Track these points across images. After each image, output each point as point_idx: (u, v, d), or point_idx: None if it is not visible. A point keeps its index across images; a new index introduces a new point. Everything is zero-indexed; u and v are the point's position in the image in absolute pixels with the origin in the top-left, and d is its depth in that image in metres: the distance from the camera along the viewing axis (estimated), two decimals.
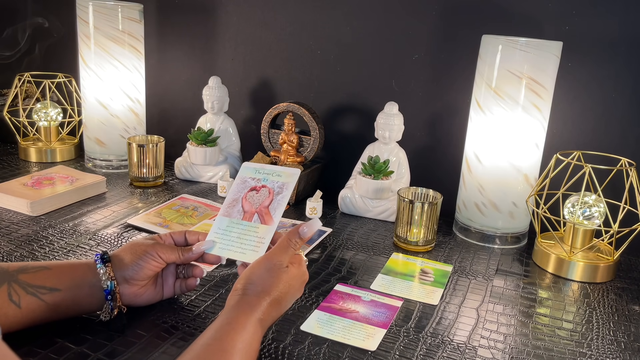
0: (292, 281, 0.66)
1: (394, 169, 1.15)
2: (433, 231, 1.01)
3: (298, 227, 0.69)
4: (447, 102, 1.21)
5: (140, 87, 1.36)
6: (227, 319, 0.60)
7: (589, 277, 0.94)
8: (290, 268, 0.66)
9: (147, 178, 1.24)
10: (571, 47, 1.06)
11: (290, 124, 1.22)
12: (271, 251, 0.68)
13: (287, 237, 0.69)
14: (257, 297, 0.63)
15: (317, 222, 0.71)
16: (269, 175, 0.80)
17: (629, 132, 1.09)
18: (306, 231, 0.69)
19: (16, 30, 1.49)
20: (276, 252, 0.67)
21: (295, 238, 0.68)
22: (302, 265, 0.69)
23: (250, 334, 0.59)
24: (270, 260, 0.66)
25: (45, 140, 1.40)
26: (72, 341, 0.66)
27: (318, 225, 0.70)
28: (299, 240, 0.69)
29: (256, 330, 0.60)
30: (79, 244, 0.93)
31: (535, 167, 1.05)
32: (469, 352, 0.71)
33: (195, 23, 1.41)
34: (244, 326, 0.59)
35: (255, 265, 0.66)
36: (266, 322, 0.63)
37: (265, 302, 0.63)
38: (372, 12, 1.23)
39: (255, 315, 0.61)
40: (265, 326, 0.63)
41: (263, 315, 0.62)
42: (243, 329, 0.59)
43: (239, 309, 0.61)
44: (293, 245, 0.68)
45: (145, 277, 0.70)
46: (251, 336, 0.59)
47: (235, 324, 0.59)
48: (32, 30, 1.50)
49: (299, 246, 0.69)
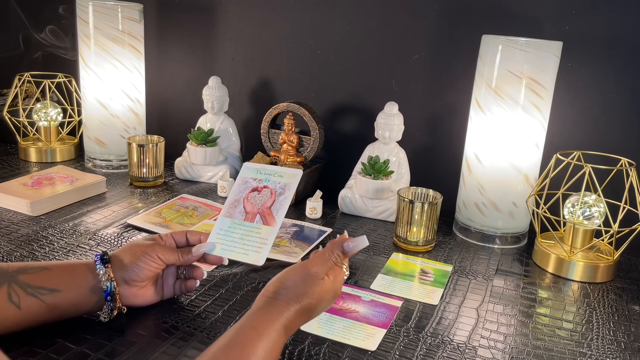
0: (325, 294, 0.63)
1: (394, 169, 1.15)
2: (433, 231, 1.01)
3: (343, 240, 0.66)
4: (447, 102, 1.21)
5: (140, 87, 1.36)
6: (252, 322, 0.58)
7: (589, 277, 0.94)
8: (325, 280, 0.64)
9: (147, 178, 1.24)
10: (571, 47, 1.06)
11: (290, 124, 1.22)
12: (310, 260, 0.65)
13: (330, 249, 0.65)
14: (287, 303, 0.61)
15: (364, 240, 0.65)
16: (271, 176, 0.80)
17: (629, 132, 1.09)
18: (351, 247, 0.65)
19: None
20: (316, 262, 0.65)
21: (337, 251, 0.65)
22: (337, 280, 0.65)
23: (273, 340, 0.58)
24: (308, 269, 0.64)
25: (45, 140, 1.40)
26: (72, 341, 0.66)
27: (365, 244, 0.65)
28: (341, 254, 0.65)
29: (280, 337, 0.59)
30: (79, 244, 0.93)
31: (535, 167, 1.05)
32: (469, 352, 0.71)
33: (195, 23, 1.41)
34: (268, 333, 0.57)
35: (291, 271, 0.64)
36: (290, 330, 0.61)
37: (293, 309, 0.61)
38: (372, 12, 1.23)
39: (281, 321, 0.59)
40: (289, 334, 0.61)
41: (289, 323, 0.60)
42: (267, 336, 0.57)
43: (267, 312, 0.60)
44: (334, 259, 0.65)
45: (144, 278, 0.70)
46: (274, 343, 0.58)
47: (260, 328, 0.57)
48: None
49: (340, 260, 0.65)
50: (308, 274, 0.63)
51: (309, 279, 0.63)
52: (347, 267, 0.67)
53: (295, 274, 0.63)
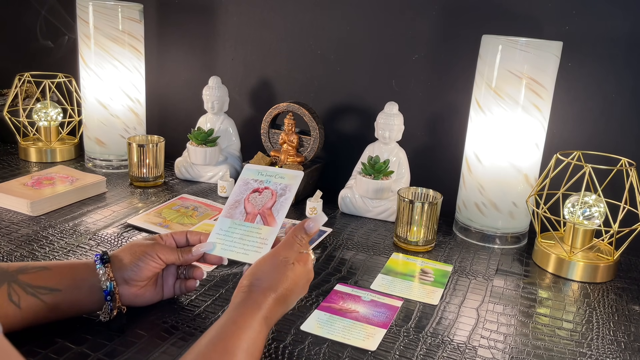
0: (298, 279, 0.65)
1: (394, 169, 1.15)
2: (433, 231, 1.01)
3: (303, 222, 0.68)
4: (447, 102, 1.21)
5: (140, 87, 1.36)
6: (232, 317, 0.59)
7: (589, 277, 0.94)
8: (296, 265, 0.66)
9: (147, 178, 1.24)
10: (571, 47, 1.06)
11: (290, 124, 1.22)
12: (277, 247, 0.67)
13: (293, 233, 0.68)
14: (263, 294, 0.62)
15: (323, 216, 0.69)
16: (272, 177, 0.80)
17: (629, 132, 1.09)
18: (312, 226, 0.68)
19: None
20: (282, 248, 0.67)
21: (300, 234, 0.68)
22: (308, 263, 0.68)
23: (255, 332, 0.59)
24: (276, 256, 0.66)
25: (45, 140, 1.40)
26: (72, 341, 0.66)
27: (323, 220, 0.69)
28: (305, 235, 0.68)
29: (261, 329, 0.60)
30: (79, 244, 0.93)
31: (535, 167, 1.05)
32: (469, 352, 0.71)
33: (195, 23, 1.41)
34: (249, 325, 0.59)
35: (261, 262, 0.66)
36: (271, 320, 0.62)
37: (270, 298, 0.62)
38: (372, 12, 1.23)
39: (260, 313, 0.60)
40: (270, 324, 0.62)
41: (268, 312, 0.61)
42: (249, 328, 0.58)
43: (245, 306, 0.61)
44: (299, 241, 0.67)
45: (144, 278, 0.70)
46: (256, 335, 0.59)
47: (240, 322, 0.59)
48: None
49: (305, 242, 0.68)
50: (278, 261, 0.65)
51: (280, 266, 0.65)
52: (312, 252, 0.70)
53: (265, 264, 0.65)
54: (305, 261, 0.67)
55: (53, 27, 1.53)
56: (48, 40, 1.52)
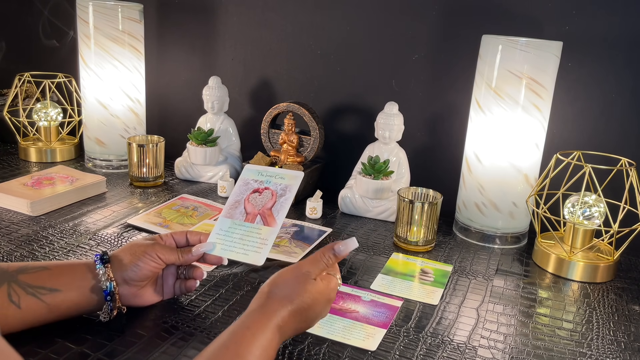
0: (318, 295, 0.64)
1: (394, 169, 1.15)
2: (433, 231, 1.01)
3: (334, 244, 0.67)
4: (447, 102, 1.21)
5: (140, 87, 1.36)
6: (246, 323, 0.59)
7: (589, 277, 0.94)
8: (317, 281, 0.65)
9: (147, 178, 1.24)
10: (571, 47, 1.06)
11: (290, 124, 1.22)
12: (303, 261, 0.67)
13: (321, 251, 0.67)
14: (279, 303, 0.61)
15: (354, 242, 0.68)
16: (272, 178, 0.81)
17: (629, 132, 1.09)
18: (342, 249, 0.67)
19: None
20: (307, 262, 0.66)
21: (329, 253, 0.67)
22: (330, 283, 0.66)
23: (268, 340, 0.58)
24: (300, 269, 0.65)
25: (45, 140, 1.40)
26: (72, 341, 0.66)
27: (354, 246, 0.67)
28: (333, 256, 0.67)
29: (274, 337, 0.59)
30: (79, 244, 0.93)
31: (535, 167, 1.05)
32: (469, 352, 0.71)
33: (195, 23, 1.41)
34: (262, 332, 0.58)
35: (283, 271, 0.65)
36: (285, 331, 0.61)
37: (285, 309, 0.61)
38: (372, 12, 1.23)
39: (274, 321, 0.60)
40: (283, 335, 0.61)
41: (282, 322, 0.60)
42: (261, 335, 0.58)
43: (260, 312, 0.60)
44: (326, 260, 0.66)
45: (144, 278, 0.70)
46: (268, 343, 0.58)
47: (254, 328, 0.58)
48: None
49: (332, 262, 0.67)
50: (300, 273, 0.64)
51: (300, 278, 0.64)
52: (340, 277, 0.69)
53: (287, 274, 0.65)
54: (328, 280, 0.66)
55: (55, 27, 1.53)
56: (53, 39, 1.52)
